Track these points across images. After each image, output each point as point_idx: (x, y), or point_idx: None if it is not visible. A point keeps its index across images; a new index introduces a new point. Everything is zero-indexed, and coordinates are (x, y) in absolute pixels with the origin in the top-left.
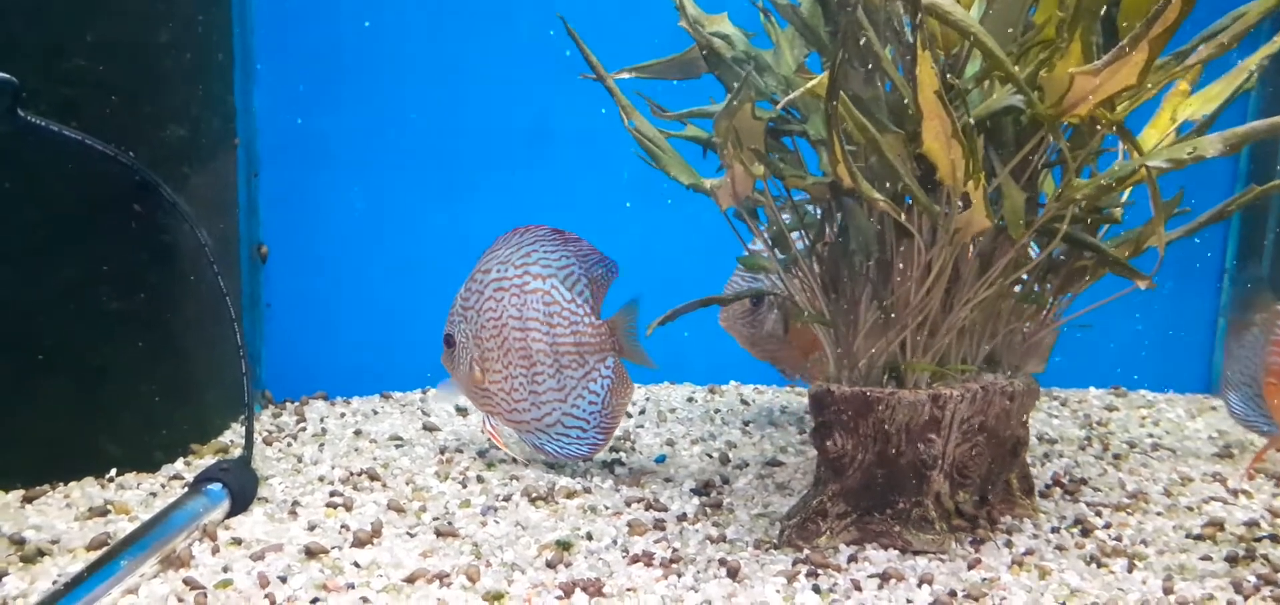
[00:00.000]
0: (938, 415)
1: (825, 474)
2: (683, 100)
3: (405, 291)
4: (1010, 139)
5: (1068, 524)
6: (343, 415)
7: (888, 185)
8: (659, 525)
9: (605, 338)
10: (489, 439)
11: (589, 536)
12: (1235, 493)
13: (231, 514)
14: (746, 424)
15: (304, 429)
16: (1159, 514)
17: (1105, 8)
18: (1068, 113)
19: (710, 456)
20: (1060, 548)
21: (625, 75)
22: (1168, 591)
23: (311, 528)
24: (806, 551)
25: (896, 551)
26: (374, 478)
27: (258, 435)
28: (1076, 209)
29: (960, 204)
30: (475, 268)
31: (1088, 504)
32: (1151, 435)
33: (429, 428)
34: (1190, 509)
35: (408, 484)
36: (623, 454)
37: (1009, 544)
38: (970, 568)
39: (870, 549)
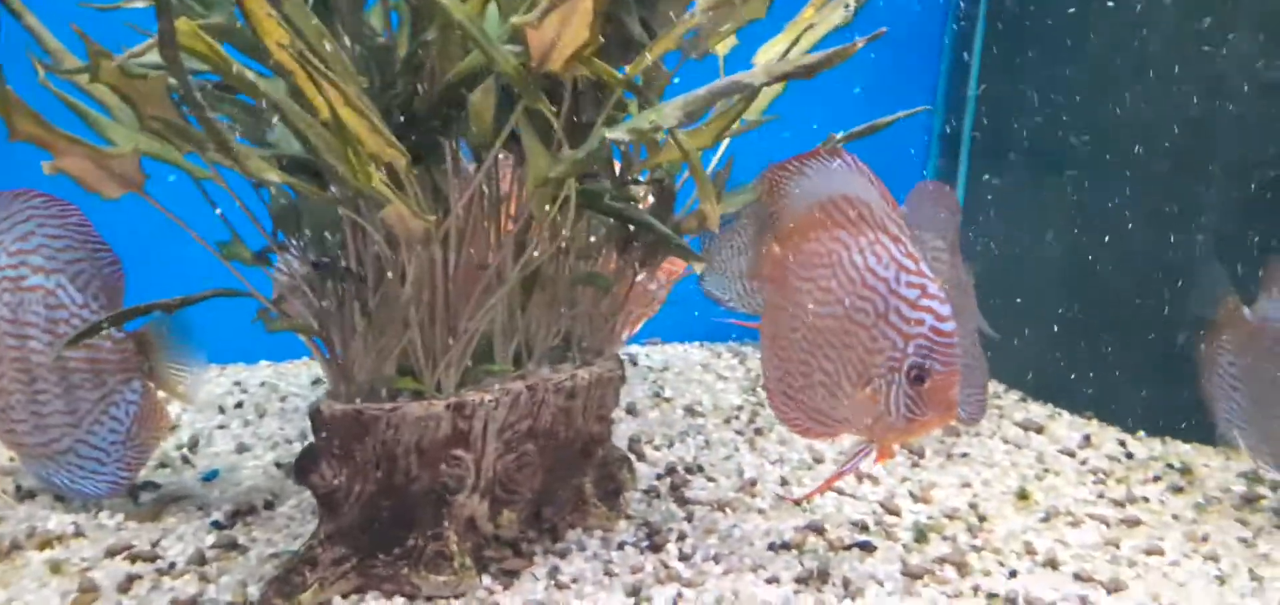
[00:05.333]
0: (464, 428)
1: (319, 514)
2: None
3: None
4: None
5: (642, 537)
6: None
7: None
8: (124, 587)
9: (131, 356)
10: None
11: None
12: (861, 477)
13: None
14: None
15: None
16: (760, 512)
17: None
18: (541, 71)
19: (280, 466)
20: (610, 573)
21: None
22: None
23: None
24: None
25: (403, 599)
26: None
27: None
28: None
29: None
30: None
31: (687, 502)
32: None
33: None
34: (798, 503)
35: None
36: (170, 469)
37: (555, 571)
38: None
39: (370, 599)
